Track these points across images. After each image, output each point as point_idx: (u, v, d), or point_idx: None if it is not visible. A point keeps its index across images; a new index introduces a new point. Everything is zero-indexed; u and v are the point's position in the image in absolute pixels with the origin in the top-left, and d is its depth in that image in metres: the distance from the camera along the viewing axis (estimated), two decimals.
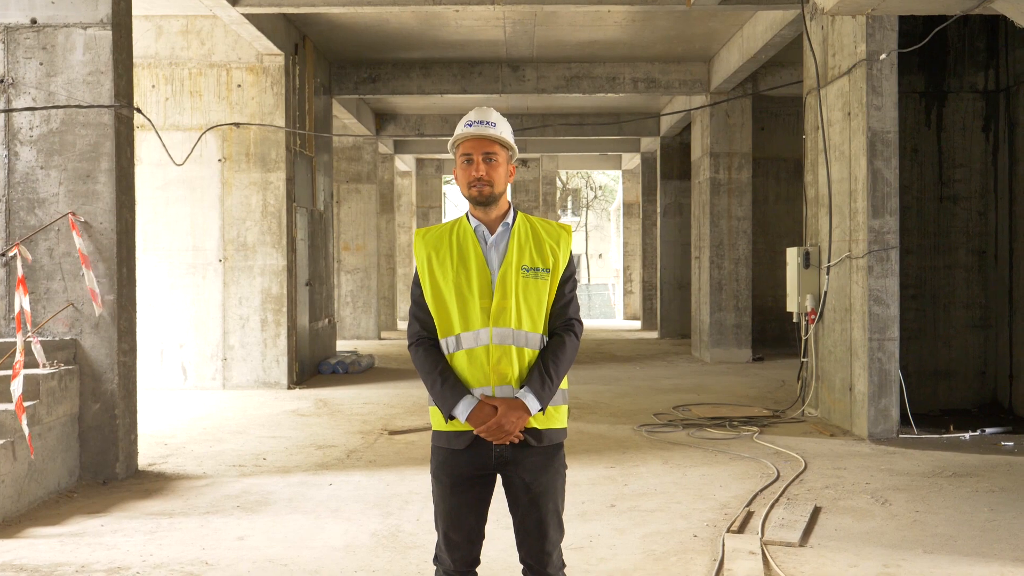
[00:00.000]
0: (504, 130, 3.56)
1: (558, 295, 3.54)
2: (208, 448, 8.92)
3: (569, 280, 3.57)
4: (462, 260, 3.48)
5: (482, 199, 3.50)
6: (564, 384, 3.55)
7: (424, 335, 3.53)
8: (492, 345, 3.42)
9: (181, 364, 13.05)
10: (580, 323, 3.61)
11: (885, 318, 9.18)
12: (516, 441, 3.42)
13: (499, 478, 3.56)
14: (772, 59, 14.91)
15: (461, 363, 3.45)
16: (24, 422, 6.36)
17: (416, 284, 3.56)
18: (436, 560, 3.64)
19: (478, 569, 3.67)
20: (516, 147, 3.63)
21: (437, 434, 3.54)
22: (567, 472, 3.69)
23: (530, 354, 3.47)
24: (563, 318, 3.55)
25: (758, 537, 5.83)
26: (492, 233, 3.54)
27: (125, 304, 7.76)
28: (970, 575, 5.22)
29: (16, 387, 6.37)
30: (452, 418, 3.43)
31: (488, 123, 3.53)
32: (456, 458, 3.48)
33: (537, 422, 3.46)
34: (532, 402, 3.41)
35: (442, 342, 3.49)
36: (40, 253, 7.54)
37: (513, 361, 3.43)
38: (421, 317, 3.53)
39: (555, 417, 3.54)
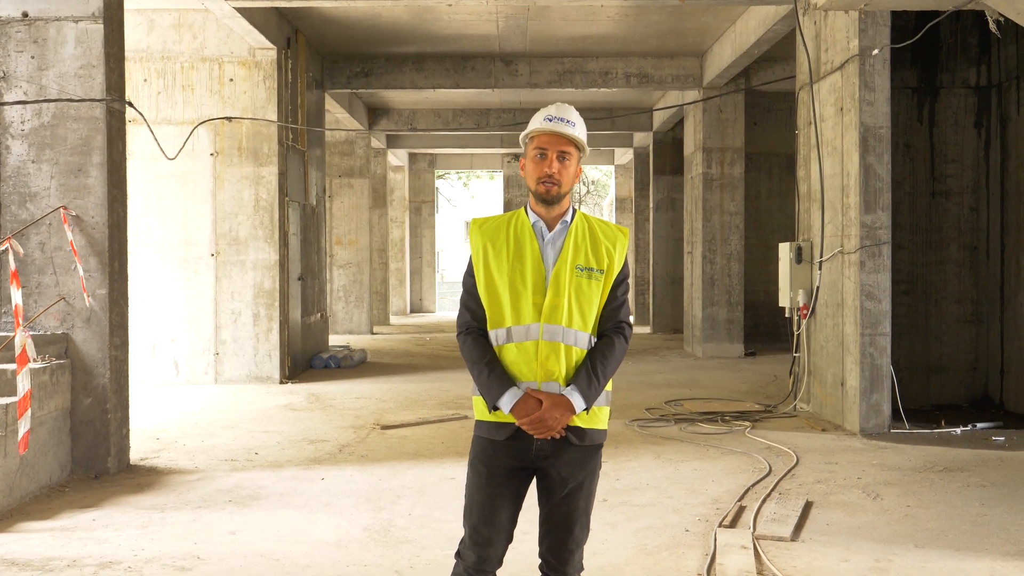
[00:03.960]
0: (581, 131, 3.53)
1: (610, 297, 3.54)
2: (200, 443, 8.90)
3: (623, 283, 3.57)
4: (518, 254, 3.47)
5: (549, 197, 3.49)
6: (608, 386, 3.55)
7: (474, 324, 3.52)
8: (542, 341, 3.42)
9: (173, 358, 13.03)
10: (630, 326, 3.62)
11: (877, 313, 9.20)
12: (557, 437, 3.41)
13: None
14: (765, 54, 14.92)
15: (510, 356, 3.45)
16: (27, 418, 6.33)
17: (469, 273, 3.55)
18: (458, 555, 3.60)
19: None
20: (588, 149, 3.61)
21: (480, 424, 3.54)
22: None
23: (578, 353, 3.47)
24: (614, 320, 3.55)
25: (750, 532, 5.84)
26: (551, 230, 3.53)
27: (117, 298, 7.74)
28: (961, 569, 5.24)
29: (23, 381, 6.34)
30: (496, 408, 3.41)
31: (568, 122, 3.50)
32: (495, 448, 3.48)
33: (581, 421, 3.45)
34: (578, 400, 3.40)
35: (491, 333, 3.49)
36: (32, 247, 7.51)
37: (561, 358, 3.43)
38: (472, 307, 3.53)
39: (598, 417, 3.53)
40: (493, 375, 3.42)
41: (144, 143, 12.57)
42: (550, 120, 3.49)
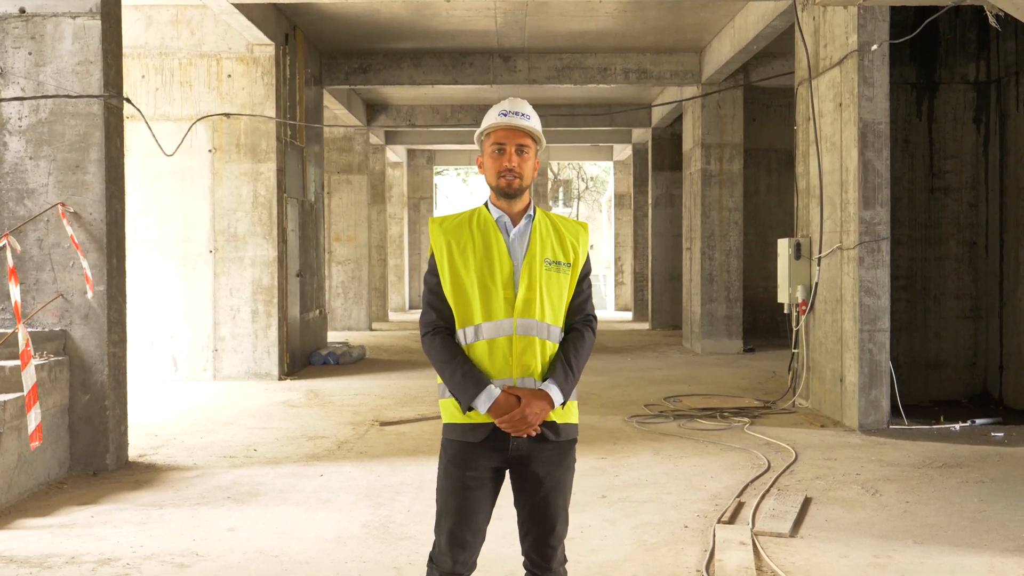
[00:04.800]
0: (537, 124, 3.54)
1: (577, 290, 3.54)
2: (199, 439, 8.90)
3: (587, 277, 3.57)
4: (485, 249, 3.44)
5: (511, 191, 3.47)
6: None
7: (441, 324, 3.47)
8: (516, 336, 3.39)
9: (172, 355, 13.02)
10: (596, 319, 3.62)
11: (876, 309, 9.20)
12: (535, 434, 3.38)
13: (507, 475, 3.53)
14: (764, 50, 14.90)
15: (481, 353, 3.41)
16: (36, 410, 6.32)
17: (432, 272, 3.50)
18: (431, 562, 3.52)
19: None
20: (544, 141, 3.60)
21: (450, 427, 3.47)
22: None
23: (551, 347, 3.46)
24: (582, 313, 3.55)
25: (749, 528, 5.84)
26: (515, 225, 3.51)
27: (115, 295, 7.73)
28: (960, 565, 5.24)
29: (28, 377, 6.33)
30: (471, 409, 3.36)
31: (523, 115, 3.50)
32: (472, 451, 3.42)
33: (555, 416, 3.44)
34: (556, 394, 3.39)
35: (459, 332, 3.45)
36: (29, 244, 7.50)
37: (536, 353, 3.41)
38: (438, 306, 3.47)
39: (571, 412, 3.52)
40: (467, 375, 3.36)
41: (142, 139, 12.56)
42: (505, 115, 3.48)
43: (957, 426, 9.23)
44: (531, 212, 3.54)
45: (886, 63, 9.22)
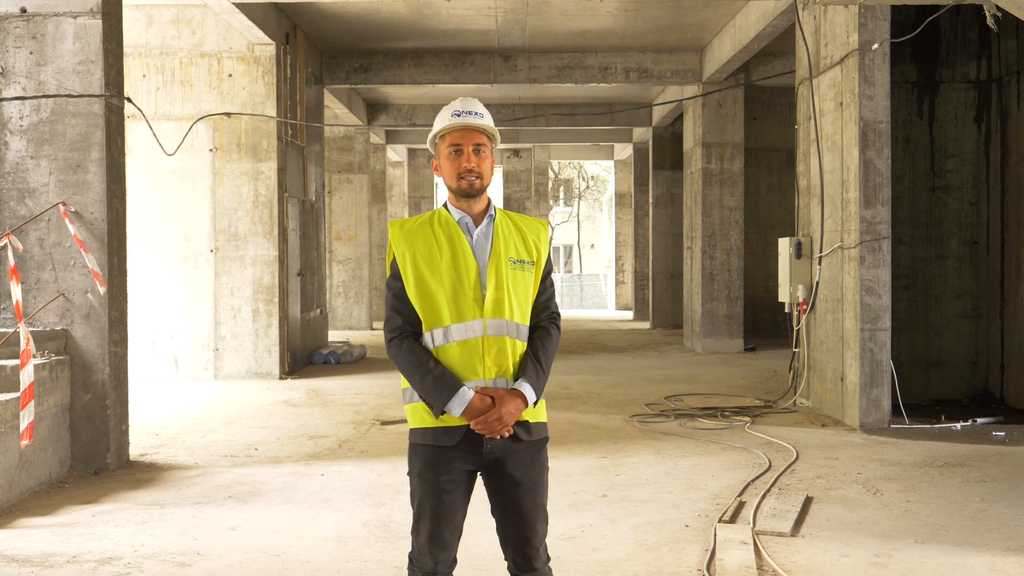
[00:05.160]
0: (490, 121, 3.51)
1: (541, 288, 3.53)
2: (200, 438, 8.90)
3: (549, 274, 3.57)
4: (451, 251, 3.41)
5: (472, 191, 3.44)
6: None
7: (408, 329, 3.42)
8: (487, 336, 3.37)
9: (173, 354, 13.03)
10: (559, 316, 3.61)
11: (877, 308, 9.20)
12: (508, 435, 3.36)
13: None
14: (764, 49, 14.90)
15: (452, 355, 3.37)
16: (30, 409, 6.32)
17: (396, 277, 3.45)
18: (412, 564, 3.50)
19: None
20: (499, 137, 3.58)
21: (420, 432, 3.42)
22: (552, 465, 3.63)
23: (520, 346, 3.44)
24: (547, 311, 3.53)
25: (750, 527, 5.84)
26: (477, 225, 3.48)
27: (116, 294, 7.73)
28: (961, 564, 5.24)
29: (26, 375, 6.34)
30: (443, 413, 3.33)
31: (476, 113, 3.46)
32: (445, 455, 3.38)
33: (528, 415, 3.42)
34: (529, 392, 3.37)
35: (427, 335, 3.40)
36: (31, 243, 7.50)
37: (508, 352, 3.39)
38: (403, 310, 3.43)
39: (540, 411, 3.50)
40: (439, 379, 3.32)
41: (143, 139, 12.57)
42: (458, 115, 3.45)
43: (958, 425, 9.23)
44: (492, 212, 3.51)
45: (887, 62, 9.22)
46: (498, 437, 3.35)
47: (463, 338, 3.37)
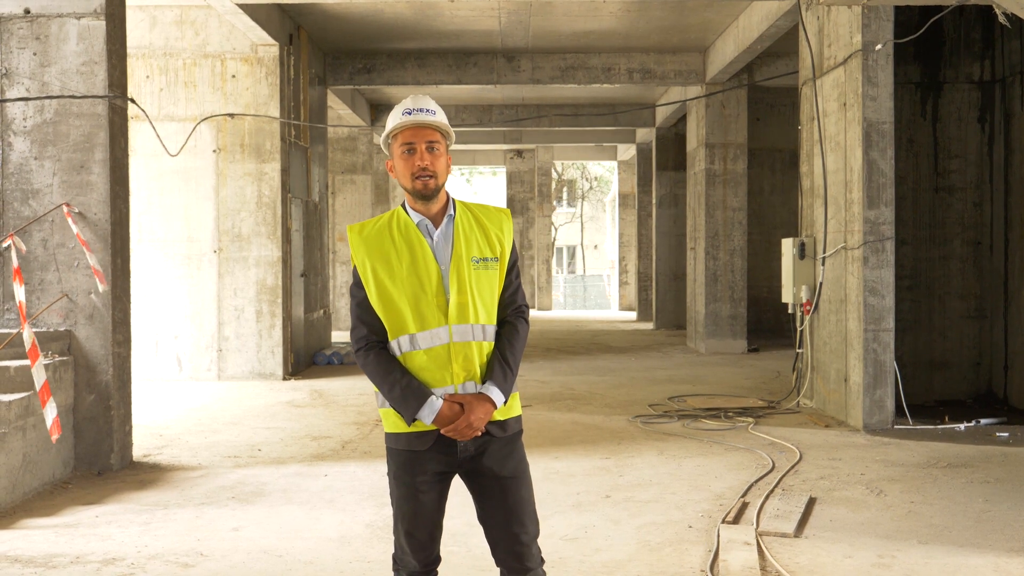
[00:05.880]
0: (443, 118, 3.43)
1: (507, 283, 3.47)
2: (203, 439, 8.91)
3: (515, 266, 3.49)
4: (411, 256, 3.34)
5: (428, 192, 3.35)
6: None
7: (373, 339, 3.38)
8: (453, 343, 3.32)
9: (176, 355, 13.04)
10: (528, 307, 3.56)
11: (880, 309, 9.19)
12: (479, 435, 3.34)
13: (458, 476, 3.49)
14: (768, 49, 14.89)
15: (419, 363, 3.34)
16: (51, 405, 6.32)
17: (358, 285, 3.40)
18: (396, 564, 3.51)
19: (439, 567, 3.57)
20: (453, 135, 3.50)
21: (394, 436, 3.40)
22: (555, 466, 3.60)
23: (487, 347, 3.39)
24: (513, 305, 3.49)
25: (753, 528, 5.83)
26: (436, 226, 3.41)
27: (120, 295, 7.74)
28: (965, 566, 5.23)
29: (38, 374, 6.34)
30: (415, 420, 3.31)
31: (428, 110, 3.38)
32: (419, 458, 3.37)
33: (499, 414, 3.38)
34: (497, 395, 3.33)
35: (393, 343, 3.37)
36: (34, 244, 7.51)
37: (474, 356, 3.35)
38: (367, 319, 3.38)
39: (513, 406, 3.46)
40: (407, 389, 3.29)
41: (146, 140, 12.58)
42: (409, 113, 3.36)
43: (962, 426, 9.22)
44: (451, 211, 3.44)
45: (890, 63, 9.21)
46: (471, 438, 3.33)
47: (429, 346, 3.33)
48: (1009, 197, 10.55)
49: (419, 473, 3.37)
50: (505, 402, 3.38)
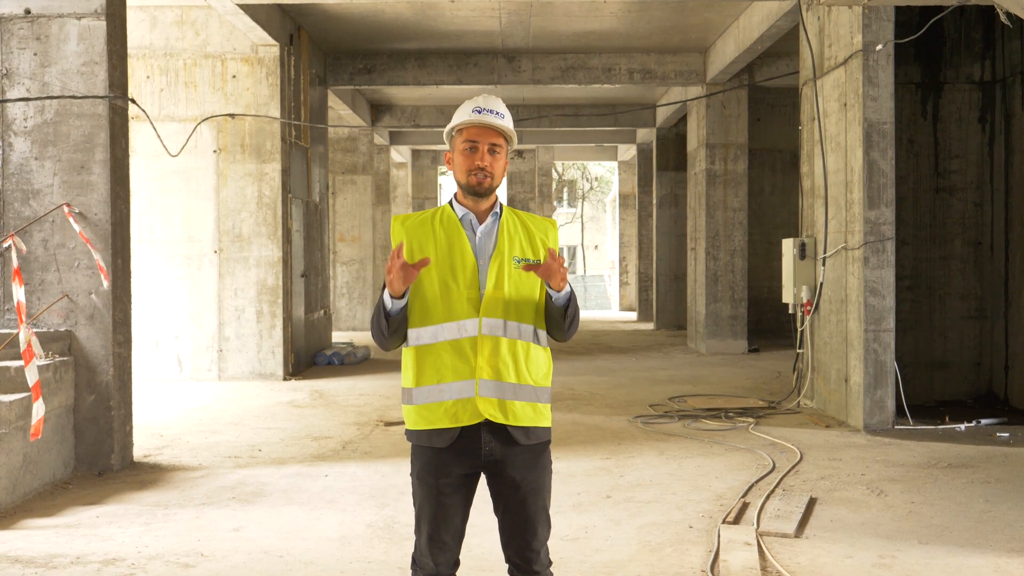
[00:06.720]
0: (510, 123, 3.45)
1: None
2: (203, 439, 8.91)
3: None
4: (448, 248, 3.36)
5: (482, 190, 3.38)
6: (548, 382, 3.47)
7: None
8: (481, 336, 3.31)
9: (177, 355, 13.04)
10: (577, 310, 3.56)
11: (881, 309, 9.19)
12: (562, 280, 3.29)
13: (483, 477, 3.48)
14: (768, 50, 14.89)
15: (443, 353, 3.33)
16: (39, 405, 6.32)
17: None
18: (415, 564, 3.49)
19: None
20: (516, 139, 3.52)
21: (416, 433, 3.40)
22: (555, 466, 3.59)
23: (523, 346, 3.37)
24: None
25: (754, 528, 5.83)
26: (481, 223, 3.43)
27: (120, 295, 7.74)
28: (965, 566, 5.23)
29: (31, 374, 6.34)
30: (396, 299, 3.29)
31: (497, 113, 3.40)
32: (442, 457, 3.36)
33: (527, 419, 3.36)
34: (568, 289, 3.35)
35: (414, 332, 3.36)
36: (35, 244, 7.51)
37: (504, 353, 3.33)
38: None
39: (543, 415, 3.43)
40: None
41: (147, 140, 12.58)
42: (479, 112, 3.38)
43: (962, 426, 9.22)
44: (497, 210, 3.46)
45: (891, 63, 9.21)
46: (558, 282, 3.29)
47: (455, 337, 3.33)
48: (1009, 197, 10.55)
49: (442, 475, 3.37)
50: (567, 301, 3.36)
